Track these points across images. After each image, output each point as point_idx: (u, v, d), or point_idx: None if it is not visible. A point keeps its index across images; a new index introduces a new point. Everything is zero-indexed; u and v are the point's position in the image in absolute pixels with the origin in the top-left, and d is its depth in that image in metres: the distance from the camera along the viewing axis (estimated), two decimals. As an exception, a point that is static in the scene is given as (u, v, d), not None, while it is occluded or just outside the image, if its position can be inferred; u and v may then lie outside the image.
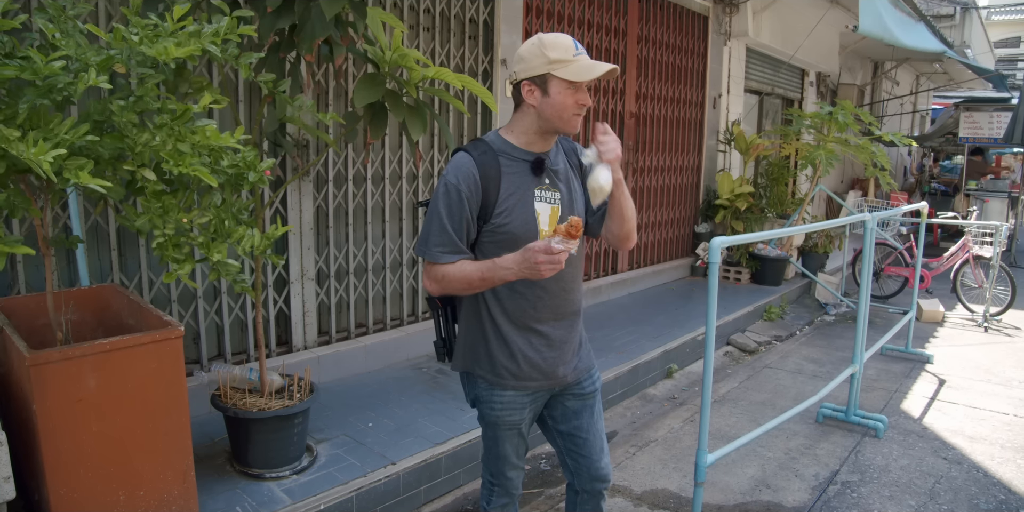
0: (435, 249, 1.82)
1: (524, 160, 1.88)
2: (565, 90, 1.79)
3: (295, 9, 2.46)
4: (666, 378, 4.68)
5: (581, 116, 1.84)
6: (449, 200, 1.81)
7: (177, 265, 2.02)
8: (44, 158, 1.64)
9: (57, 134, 1.73)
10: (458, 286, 1.82)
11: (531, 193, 1.87)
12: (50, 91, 1.81)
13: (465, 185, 1.81)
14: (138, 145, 1.89)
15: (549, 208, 1.90)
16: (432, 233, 1.83)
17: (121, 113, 1.89)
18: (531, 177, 1.88)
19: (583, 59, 1.79)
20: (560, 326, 1.98)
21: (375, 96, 2.63)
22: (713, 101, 7.45)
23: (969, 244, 6.65)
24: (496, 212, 1.83)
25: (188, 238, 2.09)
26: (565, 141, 2.05)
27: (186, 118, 1.99)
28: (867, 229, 3.88)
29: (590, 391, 2.09)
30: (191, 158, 1.91)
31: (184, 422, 2.31)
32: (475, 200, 1.82)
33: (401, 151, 4.26)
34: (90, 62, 1.84)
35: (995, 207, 9.78)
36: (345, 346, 3.99)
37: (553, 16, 5.23)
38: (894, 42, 7.24)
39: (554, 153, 1.96)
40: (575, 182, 1.99)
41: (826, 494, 3.18)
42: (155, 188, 1.99)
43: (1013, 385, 4.73)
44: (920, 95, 15.47)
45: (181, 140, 1.92)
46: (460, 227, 1.82)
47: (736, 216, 7.17)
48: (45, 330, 2.37)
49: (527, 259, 1.64)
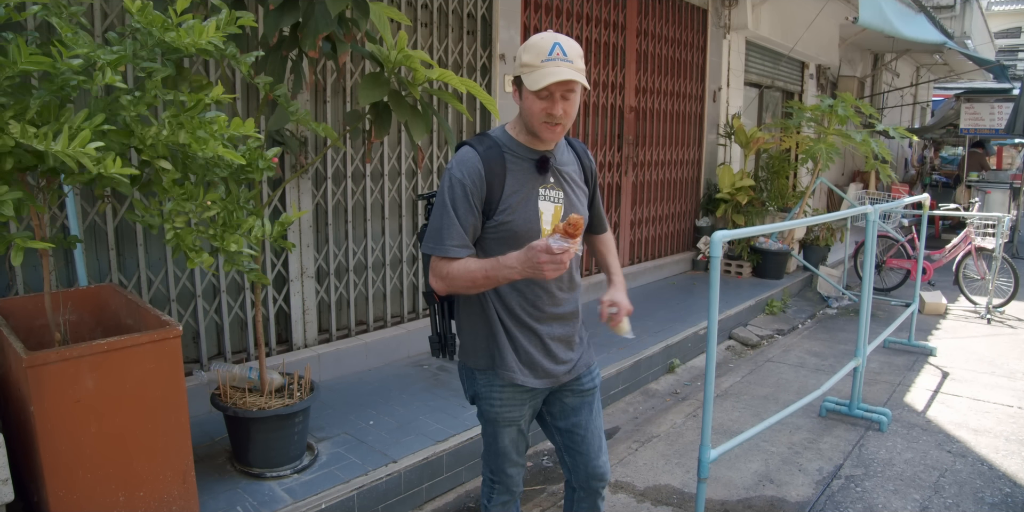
0: (448, 244, 1.79)
1: (529, 158, 1.87)
2: (530, 96, 1.76)
3: (299, 6, 2.45)
4: (668, 373, 4.67)
5: (553, 125, 1.78)
6: (454, 195, 1.80)
7: (195, 254, 2.03)
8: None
9: (72, 126, 1.72)
10: (463, 284, 1.79)
11: (535, 191, 1.86)
12: (63, 88, 1.81)
13: (470, 180, 1.80)
14: (148, 138, 1.90)
15: (552, 207, 1.89)
16: (444, 228, 1.80)
17: (131, 107, 1.90)
18: (536, 175, 1.87)
19: (549, 66, 1.70)
20: (559, 325, 1.98)
21: (379, 95, 2.62)
22: (713, 94, 7.42)
23: (971, 236, 6.63)
24: (500, 209, 1.82)
25: (200, 231, 2.10)
26: (578, 143, 2.05)
27: (199, 109, 2.01)
28: (869, 221, 3.86)
29: (589, 388, 2.08)
30: (214, 141, 1.93)
31: (183, 422, 2.30)
32: (480, 195, 1.81)
33: (400, 148, 4.24)
34: (101, 60, 1.84)
35: (997, 198, 9.75)
36: (346, 344, 3.97)
37: (552, 10, 5.19)
38: (894, 33, 7.21)
39: (562, 152, 1.95)
40: (581, 184, 1.99)
41: (830, 488, 3.17)
42: (173, 177, 2.00)
43: (1017, 377, 4.71)
44: (921, 86, 15.41)
45: (192, 131, 1.93)
46: (467, 222, 1.81)
47: (737, 210, 7.14)
48: (43, 331, 2.36)
49: (530, 258, 1.61)
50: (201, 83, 2.29)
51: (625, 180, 6.32)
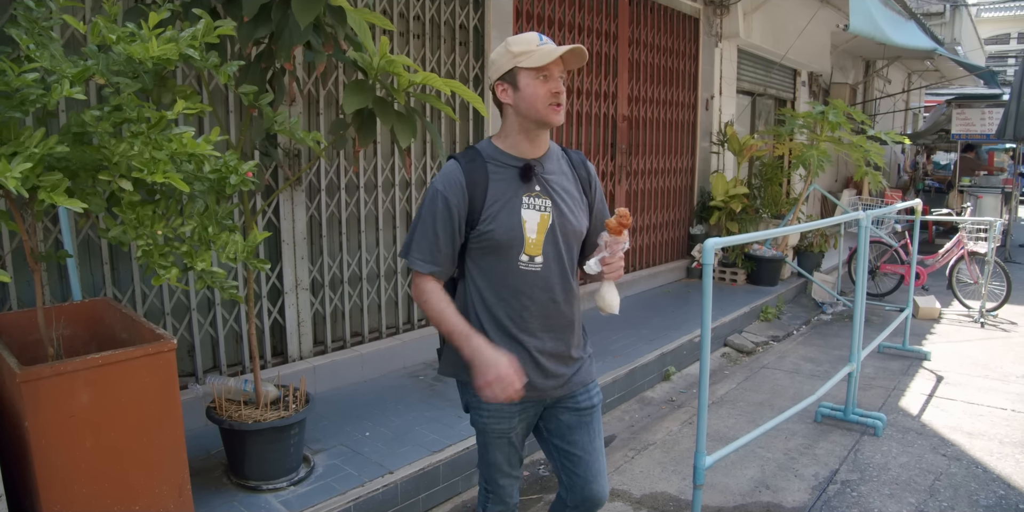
0: (414, 255, 1.87)
1: (513, 166, 1.87)
2: (534, 80, 1.80)
3: (272, 17, 2.44)
4: (664, 381, 4.68)
5: (558, 106, 1.82)
6: (434, 207, 1.83)
7: (163, 270, 2.01)
8: (11, 174, 1.60)
9: (27, 147, 1.70)
10: (426, 310, 1.86)
11: (518, 200, 1.86)
12: (22, 103, 1.79)
13: (451, 192, 1.82)
14: (115, 155, 1.86)
15: (538, 215, 1.87)
16: (414, 239, 1.87)
17: (96, 124, 1.87)
18: (519, 184, 1.86)
19: (546, 47, 1.79)
20: (549, 338, 1.93)
21: (363, 102, 2.62)
22: (705, 103, 7.46)
23: (964, 240, 6.67)
24: (481, 218, 1.83)
25: (172, 247, 2.07)
26: (575, 153, 2.04)
27: (162, 126, 1.97)
28: (861, 227, 3.88)
29: (586, 406, 2.02)
30: (165, 165, 1.88)
31: (179, 435, 2.30)
32: (462, 207, 1.83)
33: (393, 159, 4.26)
34: (65, 74, 1.82)
35: (989, 203, 9.80)
36: (341, 355, 3.98)
37: (543, 21, 5.24)
38: (885, 40, 7.26)
39: (551, 161, 1.94)
40: (576, 194, 1.96)
41: (826, 494, 3.17)
42: (131, 199, 1.96)
43: (1011, 380, 4.73)
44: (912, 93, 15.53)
45: (158, 148, 1.89)
46: (444, 234, 1.83)
47: (731, 217, 7.18)
48: (37, 346, 2.36)
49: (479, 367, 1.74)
50: (186, 93, 2.28)
51: (619, 189, 6.35)
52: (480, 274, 1.90)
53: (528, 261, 1.87)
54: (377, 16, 2.68)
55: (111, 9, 2.06)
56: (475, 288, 1.91)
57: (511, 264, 1.86)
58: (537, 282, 1.88)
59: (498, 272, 1.88)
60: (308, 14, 2.33)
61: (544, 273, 1.89)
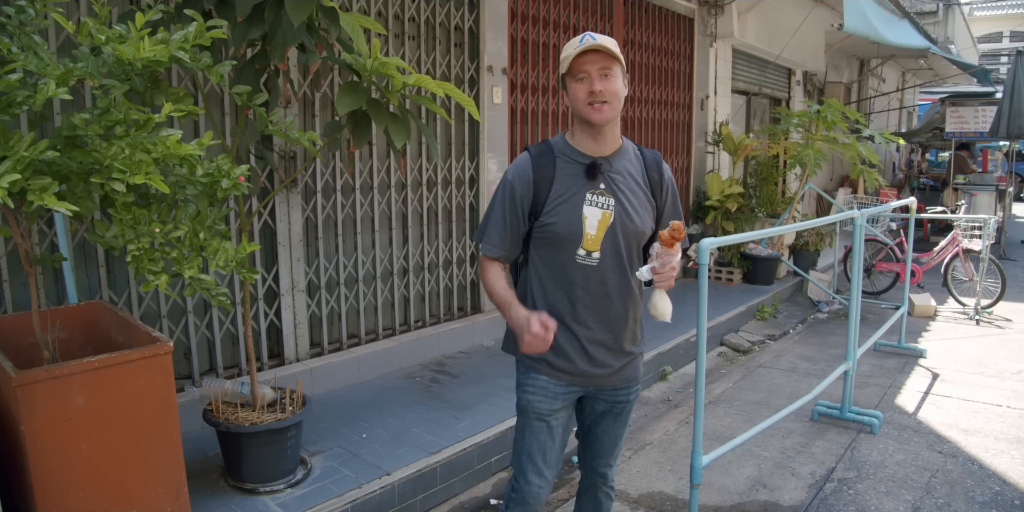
0: (486, 240, 1.99)
1: (580, 163, 1.94)
2: (573, 83, 1.89)
3: (265, 18, 2.44)
4: (660, 380, 4.68)
5: (598, 105, 1.86)
6: (504, 195, 1.95)
7: (153, 276, 2.00)
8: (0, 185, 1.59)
9: (17, 152, 1.69)
10: (486, 288, 1.98)
11: (581, 196, 1.92)
12: (9, 106, 1.78)
13: (519, 182, 1.93)
14: (106, 158, 1.86)
15: (600, 213, 1.92)
16: (486, 224, 2.00)
17: (85, 126, 1.86)
18: (584, 180, 1.92)
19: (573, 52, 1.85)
20: (600, 329, 1.99)
21: (357, 103, 2.62)
22: (700, 103, 7.48)
23: (959, 238, 6.69)
24: (545, 210, 1.91)
25: (162, 252, 2.07)
26: (651, 154, 2.07)
27: (148, 128, 1.96)
28: (856, 226, 3.89)
29: (622, 400, 2.10)
30: (148, 166, 1.87)
31: (176, 438, 2.30)
32: (527, 197, 1.93)
33: (389, 160, 4.26)
34: (51, 75, 1.81)
35: (983, 200, 9.83)
36: (337, 357, 3.97)
37: (539, 22, 5.24)
38: (879, 39, 7.29)
39: (621, 160, 1.98)
40: (642, 195, 1.99)
41: (823, 492, 3.18)
42: (125, 199, 1.95)
43: (1006, 377, 4.74)
44: (906, 91, 15.57)
45: (144, 150, 1.89)
46: (510, 221, 1.95)
47: (727, 217, 7.19)
48: (33, 349, 2.35)
49: (520, 326, 1.78)
50: (179, 95, 2.27)
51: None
52: (540, 262, 1.98)
53: (585, 255, 1.93)
54: (369, 20, 2.68)
55: (101, 11, 2.05)
56: (535, 275, 1.99)
57: (569, 257, 1.93)
58: (592, 276, 1.94)
59: (556, 263, 1.95)
60: (301, 13, 2.34)
61: (600, 268, 1.94)
